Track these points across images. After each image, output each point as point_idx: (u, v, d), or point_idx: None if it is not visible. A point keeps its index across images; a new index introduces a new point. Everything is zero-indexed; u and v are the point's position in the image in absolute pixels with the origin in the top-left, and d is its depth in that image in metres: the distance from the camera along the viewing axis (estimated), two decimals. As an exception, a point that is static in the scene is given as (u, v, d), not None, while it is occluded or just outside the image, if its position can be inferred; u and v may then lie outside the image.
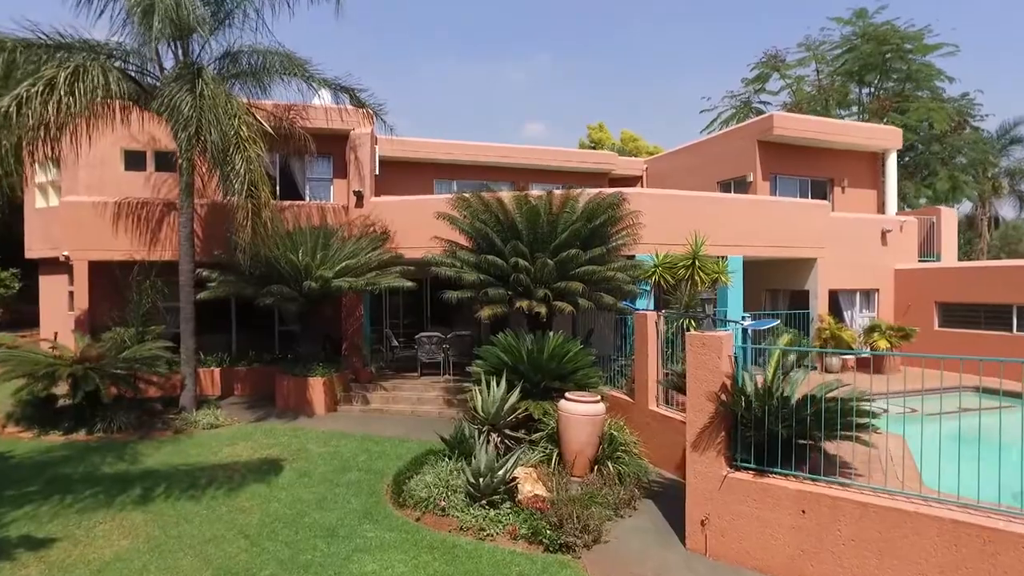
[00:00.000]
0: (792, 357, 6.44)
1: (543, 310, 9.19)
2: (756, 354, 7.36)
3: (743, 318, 6.87)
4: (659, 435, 8.31)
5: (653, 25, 75.67)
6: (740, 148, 16.30)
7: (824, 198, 16.54)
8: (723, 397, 5.79)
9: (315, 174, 15.00)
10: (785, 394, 5.69)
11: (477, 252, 10.10)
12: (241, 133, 9.22)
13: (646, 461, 7.94)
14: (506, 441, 7.89)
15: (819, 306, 13.81)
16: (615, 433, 7.70)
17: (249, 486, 7.43)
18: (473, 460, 6.86)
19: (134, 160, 13.76)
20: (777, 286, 14.94)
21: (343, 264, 11.20)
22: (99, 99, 9.20)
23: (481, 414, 7.91)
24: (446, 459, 7.65)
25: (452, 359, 12.99)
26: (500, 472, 6.65)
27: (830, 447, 6.06)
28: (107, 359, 9.73)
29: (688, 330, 9.07)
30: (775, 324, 7.73)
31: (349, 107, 12.88)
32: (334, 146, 14.25)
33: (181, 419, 10.24)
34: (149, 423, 10.09)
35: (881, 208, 17.32)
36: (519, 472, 7.00)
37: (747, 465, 5.77)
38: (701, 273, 9.43)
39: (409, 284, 11.77)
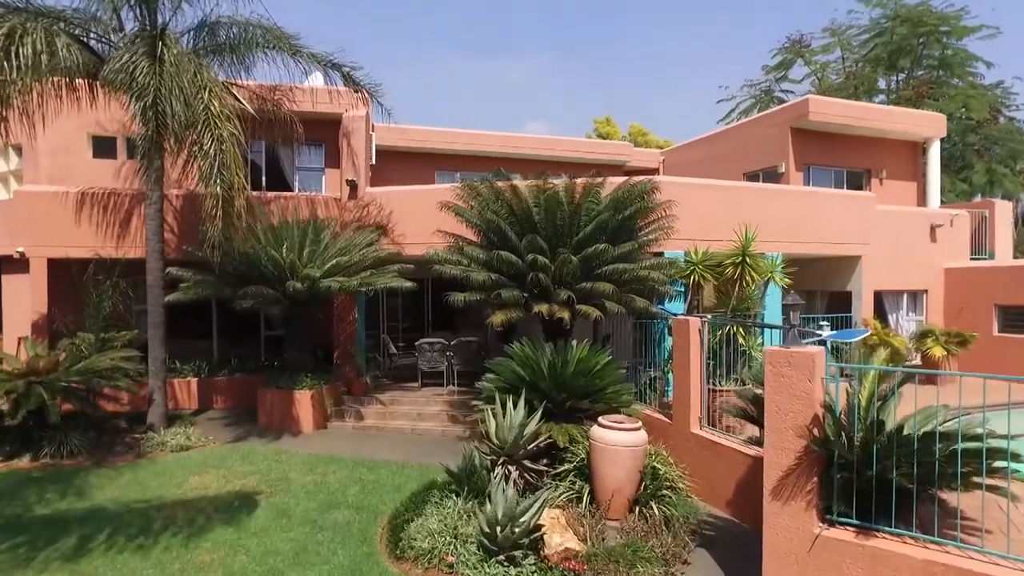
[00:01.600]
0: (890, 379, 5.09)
1: (566, 315, 7.83)
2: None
3: (820, 327, 5.49)
4: (705, 464, 6.96)
5: (658, 18, 74.29)
6: (770, 136, 14.90)
7: (860, 190, 15.18)
8: (816, 432, 4.45)
9: (305, 163, 13.66)
10: (905, 429, 4.35)
11: (487, 248, 8.76)
12: (212, 108, 7.86)
13: (695, 499, 6.61)
14: (525, 475, 6.54)
15: (863, 309, 12.44)
16: (658, 466, 6.35)
17: (214, 530, 6.10)
18: (488, 502, 5.52)
19: (103, 147, 12.40)
20: (814, 287, 13.56)
21: (333, 262, 9.84)
22: (46, 70, 7.85)
23: (495, 441, 6.55)
24: (453, 496, 6.30)
25: (456, 368, 11.66)
26: (523, 519, 5.29)
27: (943, 495, 4.71)
28: (58, 372, 8.40)
29: (735, 339, 7.86)
30: (866, 335, 6.42)
31: (341, 88, 11.52)
32: (326, 133, 12.92)
33: (146, 440, 8.92)
34: (108, 445, 8.75)
35: (921, 201, 15.94)
36: (544, 516, 5.66)
37: (847, 521, 4.45)
38: (752, 272, 8.08)
39: (409, 284, 10.39)
